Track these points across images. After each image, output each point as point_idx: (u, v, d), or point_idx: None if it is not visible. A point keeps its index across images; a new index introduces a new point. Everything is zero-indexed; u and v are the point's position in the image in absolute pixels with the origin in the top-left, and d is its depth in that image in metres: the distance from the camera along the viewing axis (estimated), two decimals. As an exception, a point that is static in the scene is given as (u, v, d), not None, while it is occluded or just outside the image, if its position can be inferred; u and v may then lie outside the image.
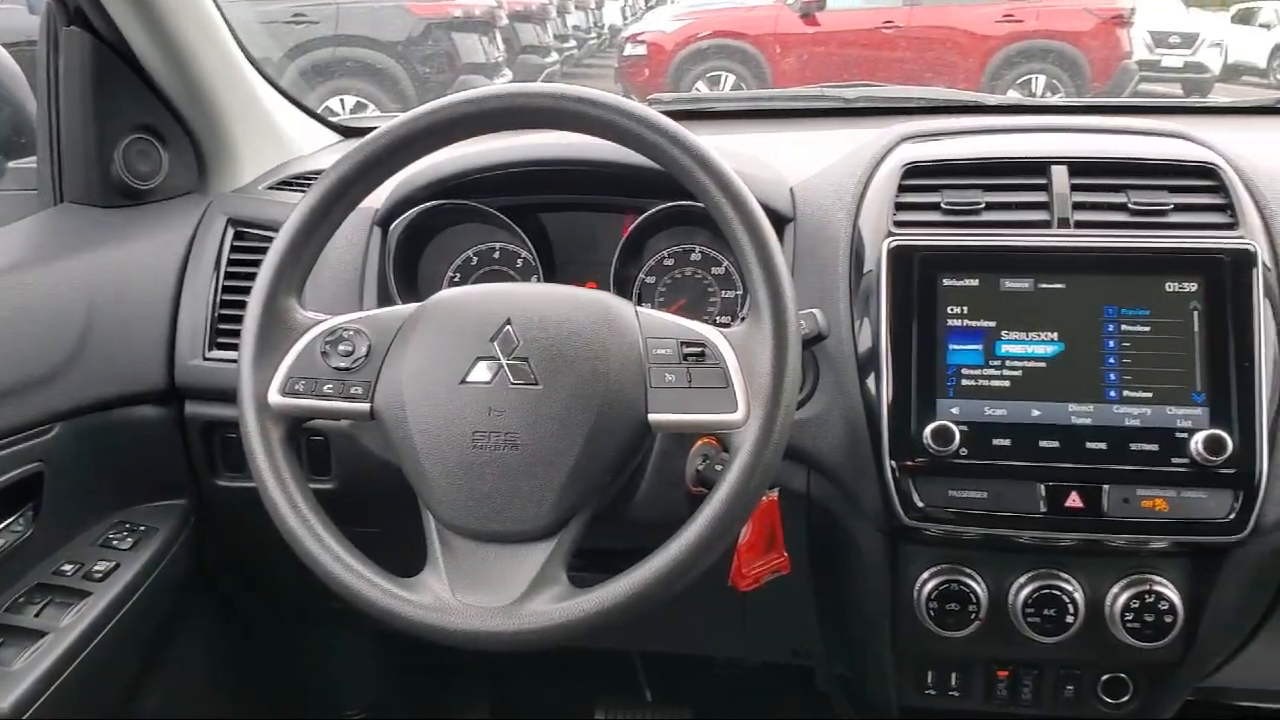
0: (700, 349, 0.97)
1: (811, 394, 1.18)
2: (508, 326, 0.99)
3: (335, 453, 1.32)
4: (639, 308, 1.02)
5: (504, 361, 0.97)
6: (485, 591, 0.94)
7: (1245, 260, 1.10)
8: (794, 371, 0.95)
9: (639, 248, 1.34)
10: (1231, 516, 1.08)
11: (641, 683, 1.96)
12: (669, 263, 1.35)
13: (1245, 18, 14.18)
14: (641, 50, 8.49)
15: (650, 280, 1.35)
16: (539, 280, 1.34)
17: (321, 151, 1.71)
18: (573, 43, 10.74)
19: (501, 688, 2.09)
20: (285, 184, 1.54)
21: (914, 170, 1.21)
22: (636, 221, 1.29)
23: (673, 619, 1.40)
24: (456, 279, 1.40)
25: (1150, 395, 1.09)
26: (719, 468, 1.01)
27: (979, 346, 1.12)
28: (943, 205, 1.18)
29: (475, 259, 1.40)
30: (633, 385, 0.97)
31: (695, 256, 1.35)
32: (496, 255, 1.39)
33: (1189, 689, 1.30)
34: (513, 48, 8.15)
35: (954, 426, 1.10)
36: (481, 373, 0.97)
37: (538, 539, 0.96)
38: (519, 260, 1.38)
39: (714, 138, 1.10)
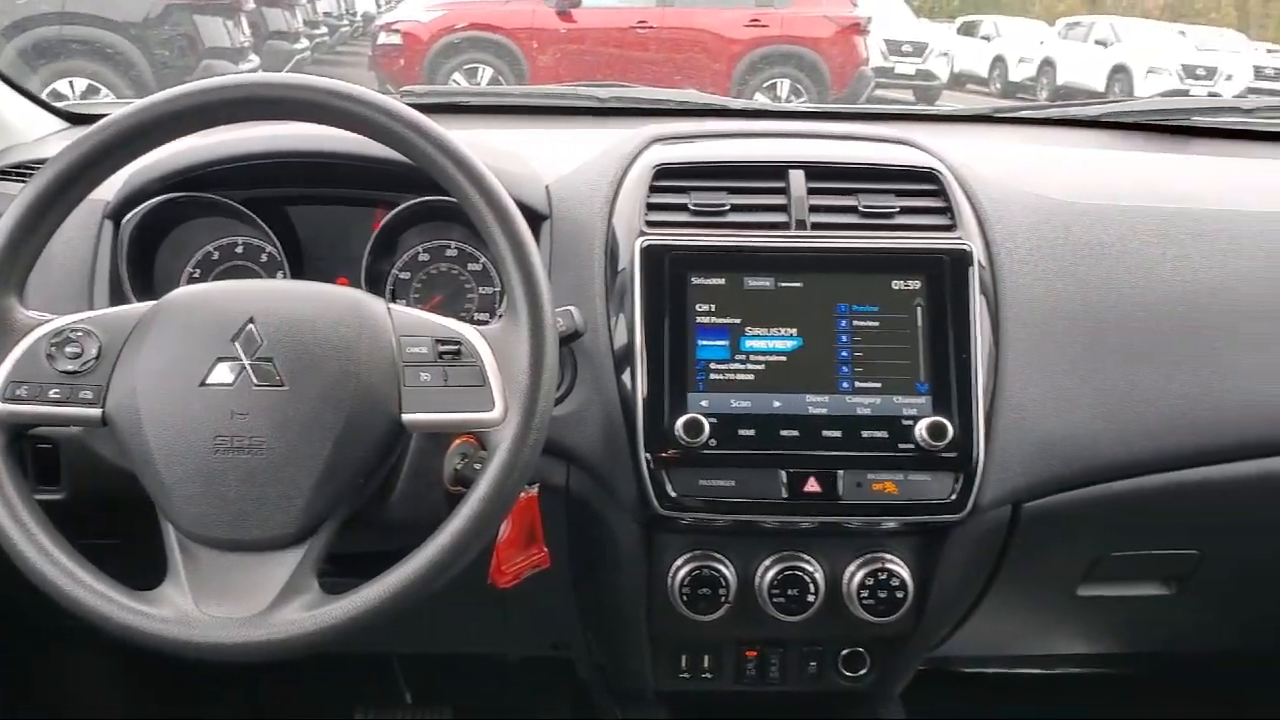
0: (456, 347, 0.97)
1: (569, 390, 1.20)
2: (250, 325, 0.95)
3: (65, 460, 1.23)
4: (392, 305, 1.01)
5: (246, 362, 0.94)
6: (231, 602, 0.91)
7: (962, 260, 1.19)
8: (551, 368, 0.96)
9: (392, 243, 1.32)
10: (953, 497, 1.16)
11: (401, 685, 1.94)
12: (424, 258, 1.34)
13: (969, 29, 15.29)
14: (396, 39, 8.33)
15: (404, 276, 1.33)
16: (285, 277, 1.29)
17: (46, 139, 1.59)
18: (324, 29, 10.40)
19: (257, 696, 2.01)
20: (3, 174, 1.42)
21: (663, 172, 1.24)
22: (388, 216, 1.27)
23: (431, 619, 1.39)
24: (196, 275, 1.33)
25: (879, 385, 1.16)
26: (477, 466, 1.01)
27: (726, 342, 1.17)
28: (691, 206, 1.22)
29: (216, 254, 1.34)
30: (385, 385, 0.95)
31: (451, 252, 1.34)
32: (239, 250, 1.34)
33: (920, 659, 1.40)
34: (260, 33, 7.80)
35: (704, 419, 1.13)
36: (223, 374, 0.93)
37: (286, 546, 0.93)
38: (264, 255, 1.33)
39: (469, 133, 1.10)
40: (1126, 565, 1.42)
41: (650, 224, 1.20)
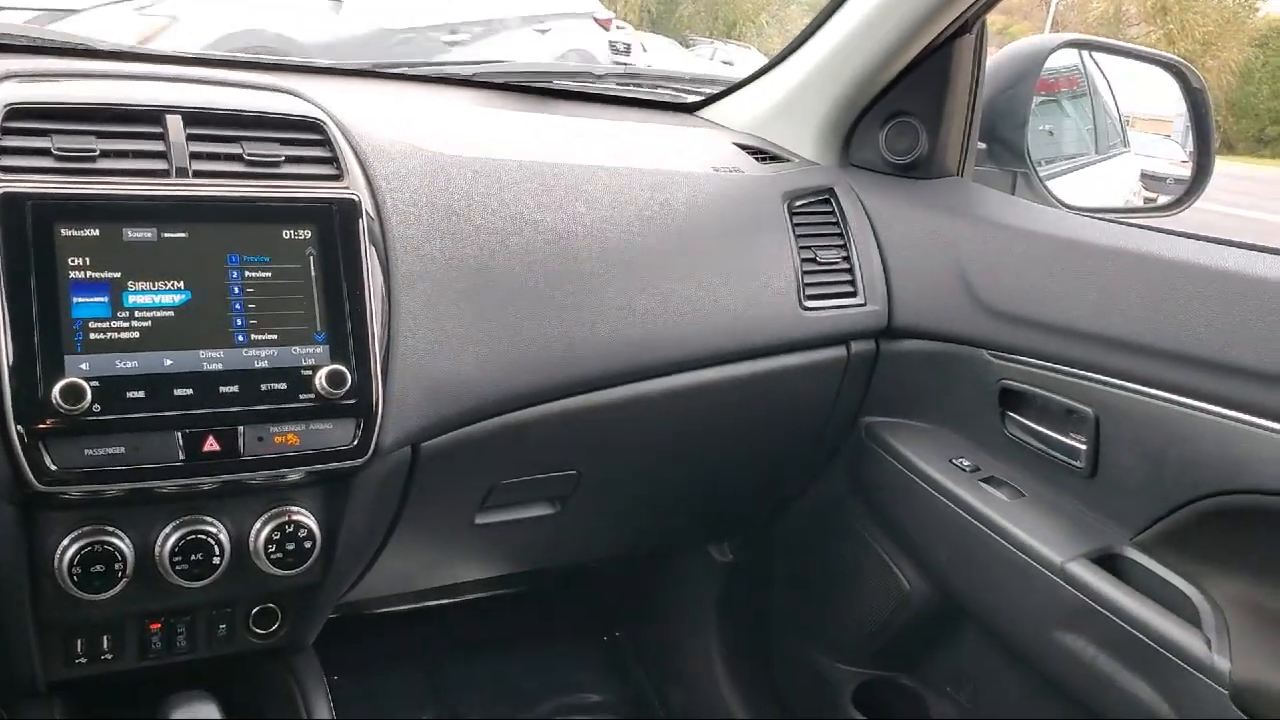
0: None
1: None
2: None
3: None
4: None
5: None
6: None
7: (350, 210, 1.20)
8: None
9: None
10: (355, 443, 1.19)
11: None
12: None
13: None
14: None
15: None
16: None
17: None
18: None
19: None
20: None
21: (17, 111, 1.12)
22: None
23: None
24: None
25: (276, 337, 1.15)
26: None
27: (105, 299, 1.08)
28: (54, 151, 1.11)
29: None
30: None
31: None
32: None
33: (331, 607, 1.42)
34: None
35: (85, 383, 1.05)
36: None
37: None
38: None
39: None
40: (517, 490, 1.56)
41: (5, 170, 1.07)
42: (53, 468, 1.06)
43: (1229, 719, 1.24)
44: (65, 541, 1.12)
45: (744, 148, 1.80)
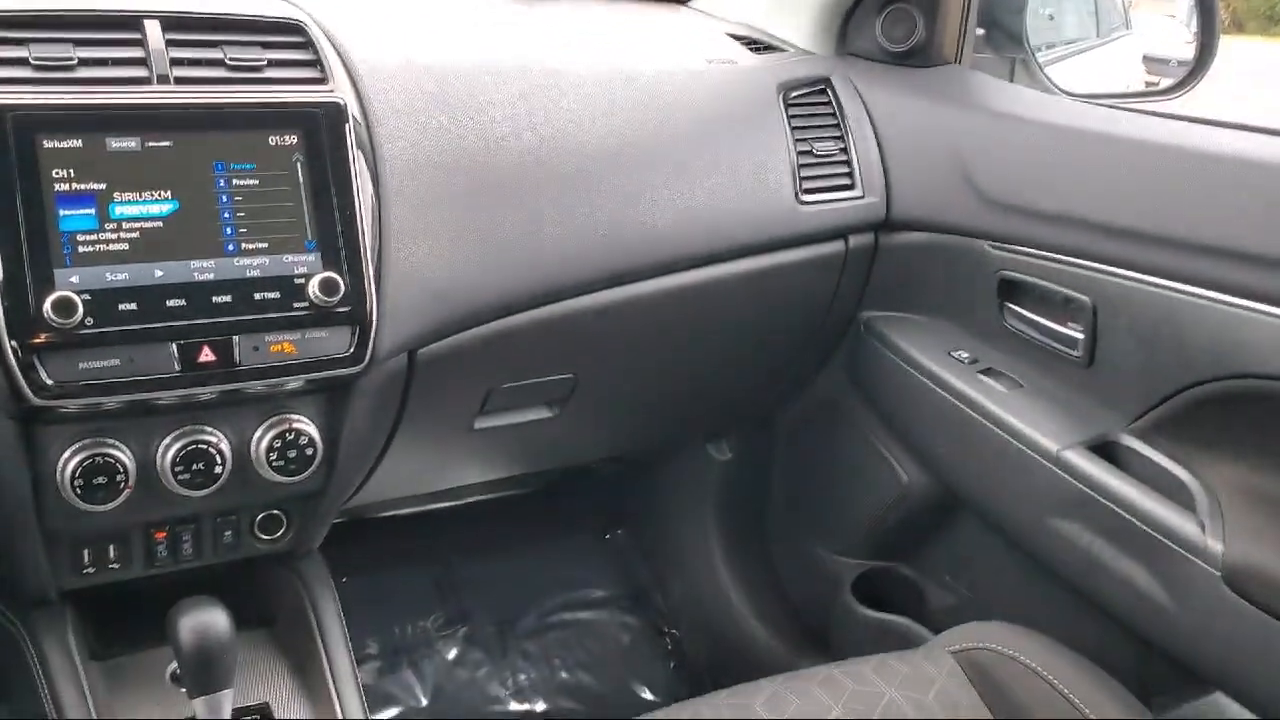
0: None
1: None
2: None
3: None
4: None
5: None
6: None
7: (337, 114, 1.18)
8: None
9: None
10: (351, 350, 1.18)
11: None
12: None
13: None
14: None
15: None
16: None
17: None
18: None
19: None
20: None
21: None
22: None
23: None
24: None
25: (267, 245, 1.14)
26: None
27: (92, 210, 1.07)
28: (32, 60, 1.08)
29: None
30: None
31: None
32: None
33: (335, 511, 1.43)
34: None
35: (76, 296, 1.04)
36: None
37: None
38: None
39: None
40: (514, 395, 1.56)
41: None
42: (49, 382, 1.06)
43: (1221, 600, 1.26)
44: (66, 454, 1.13)
45: (738, 38, 1.76)
